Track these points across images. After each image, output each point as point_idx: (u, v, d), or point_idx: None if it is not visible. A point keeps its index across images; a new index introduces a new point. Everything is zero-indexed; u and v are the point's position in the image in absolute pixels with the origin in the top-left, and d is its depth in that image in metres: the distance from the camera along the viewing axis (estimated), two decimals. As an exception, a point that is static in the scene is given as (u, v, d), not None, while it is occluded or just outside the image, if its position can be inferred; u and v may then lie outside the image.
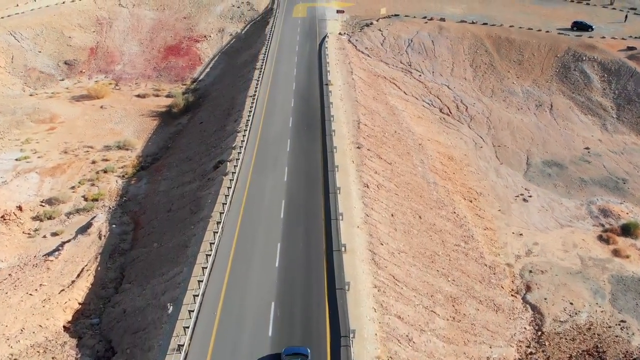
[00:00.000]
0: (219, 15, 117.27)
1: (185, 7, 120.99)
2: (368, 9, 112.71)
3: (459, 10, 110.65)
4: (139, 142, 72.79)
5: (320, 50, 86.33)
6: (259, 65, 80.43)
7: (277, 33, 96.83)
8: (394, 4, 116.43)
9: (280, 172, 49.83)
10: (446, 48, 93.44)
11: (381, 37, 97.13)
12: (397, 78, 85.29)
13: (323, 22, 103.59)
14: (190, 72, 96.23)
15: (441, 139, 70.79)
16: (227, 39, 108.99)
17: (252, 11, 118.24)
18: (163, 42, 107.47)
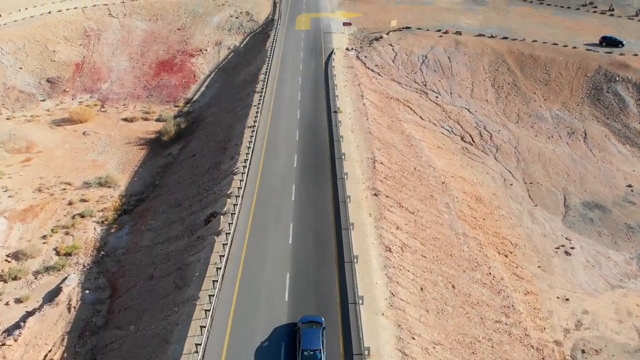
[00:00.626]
0: (216, 26, 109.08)
1: (180, 17, 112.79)
2: (377, 21, 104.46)
3: (475, 22, 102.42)
4: (123, 177, 64.48)
5: (326, 70, 78.05)
6: (259, 87, 72.17)
7: (278, 48, 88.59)
8: (404, 14, 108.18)
9: (283, 231, 41.55)
10: (464, 65, 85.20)
11: (392, 52, 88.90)
12: (411, 100, 77.06)
13: (328, 36, 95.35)
14: (183, 92, 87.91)
15: (466, 174, 62.50)
16: (224, 53, 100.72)
17: (251, 22, 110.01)
18: (155, 57, 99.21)
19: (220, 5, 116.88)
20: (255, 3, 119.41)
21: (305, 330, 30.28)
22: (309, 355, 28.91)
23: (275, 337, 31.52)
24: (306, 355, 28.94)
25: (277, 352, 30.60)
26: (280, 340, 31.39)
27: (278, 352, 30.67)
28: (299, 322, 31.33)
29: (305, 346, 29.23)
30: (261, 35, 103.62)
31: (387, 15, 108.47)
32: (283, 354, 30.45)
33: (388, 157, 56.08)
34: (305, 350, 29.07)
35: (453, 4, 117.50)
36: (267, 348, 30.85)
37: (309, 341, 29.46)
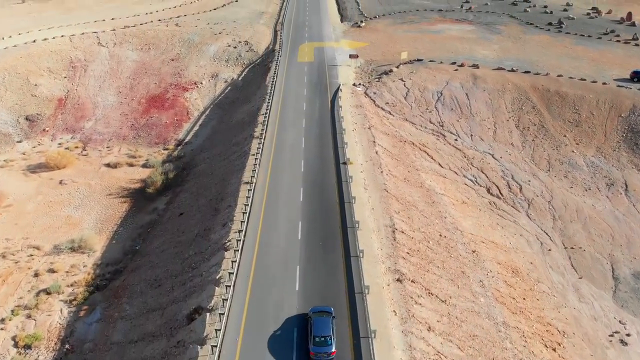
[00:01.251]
0: (213, 57, 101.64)
1: (173, 46, 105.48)
2: (385, 52, 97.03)
3: (491, 53, 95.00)
4: (100, 239, 55.90)
5: (333, 110, 70.05)
6: (257, 131, 64.08)
7: (280, 83, 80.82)
8: (414, 44, 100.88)
9: (285, 343, 32.74)
10: (484, 103, 77.36)
11: (404, 88, 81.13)
12: (428, 144, 68.96)
13: (334, 69, 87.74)
14: (175, 131, 79.84)
15: (497, 237, 53.98)
16: (221, 86, 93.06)
17: (250, 52, 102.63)
18: (145, 91, 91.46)
19: (218, 33, 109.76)
20: (254, 31, 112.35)
21: (316, 318, 32.11)
22: (320, 341, 30.59)
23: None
24: (317, 341, 30.66)
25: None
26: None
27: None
28: (310, 312, 33.22)
29: (316, 333, 31.03)
30: (261, 67, 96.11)
31: (395, 45, 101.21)
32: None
33: (409, 221, 47.61)
34: (317, 336, 30.82)
35: (465, 32, 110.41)
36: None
37: (320, 328, 31.31)
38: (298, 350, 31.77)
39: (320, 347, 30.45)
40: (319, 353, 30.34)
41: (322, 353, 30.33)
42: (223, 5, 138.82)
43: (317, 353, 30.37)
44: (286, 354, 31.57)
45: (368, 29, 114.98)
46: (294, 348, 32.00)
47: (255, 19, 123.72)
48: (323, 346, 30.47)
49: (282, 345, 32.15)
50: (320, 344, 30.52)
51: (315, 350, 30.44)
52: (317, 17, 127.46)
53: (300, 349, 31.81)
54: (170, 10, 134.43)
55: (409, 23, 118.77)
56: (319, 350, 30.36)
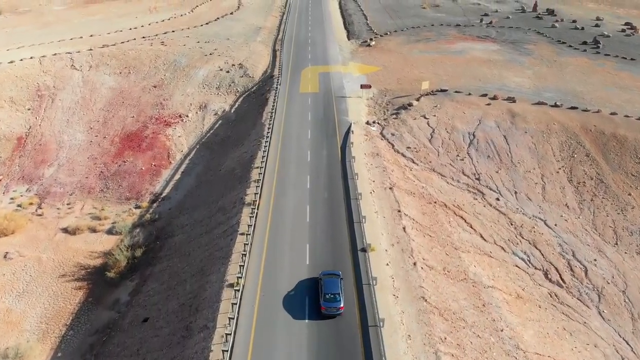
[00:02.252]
0: (201, 83, 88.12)
1: (157, 70, 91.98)
2: (401, 78, 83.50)
3: (525, 81, 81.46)
4: (43, 350, 42.29)
5: (344, 162, 56.26)
6: (249, 195, 50.41)
7: (278, 123, 67.23)
8: (434, 69, 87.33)
9: None
10: (527, 149, 63.82)
11: (428, 128, 67.60)
12: (464, 206, 55.35)
13: (342, 102, 74.18)
14: (151, 181, 66.17)
15: (567, 353, 40.30)
16: (210, 120, 79.51)
17: (245, 78, 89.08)
18: (120, 127, 77.92)
19: (208, 54, 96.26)
20: (250, 51, 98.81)
21: (326, 279, 35.73)
22: (331, 298, 34.24)
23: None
24: (328, 297, 34.26)
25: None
26: None
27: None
28: (320, 274, 36.94)
29: (327, 290, 34.63)
30: (257, 97, 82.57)
31: (412, 69, 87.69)
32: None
33: (461, 354, 33.91)
34: (327, 293, 34.40)
35: (490, 53, 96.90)
36: None
37: (330, 287, 34.87)
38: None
39: (330, 303, 34.07)
40: (329, 307, 34.06)
41: (332, 307, 34.03)
42: (216, 19, 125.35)
43: (327, 307, 34.08)
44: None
45: (379, 49, 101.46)
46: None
47: (251, 36, 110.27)
48: (333, 302, 34.09)
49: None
50: (330, 300, 34.14)
51: (326, 305, 34.10)
52: (321, 33, 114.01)
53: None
54: (157, 24, 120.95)
55: (424, 41, 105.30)
56: (330, 306, 34.05)
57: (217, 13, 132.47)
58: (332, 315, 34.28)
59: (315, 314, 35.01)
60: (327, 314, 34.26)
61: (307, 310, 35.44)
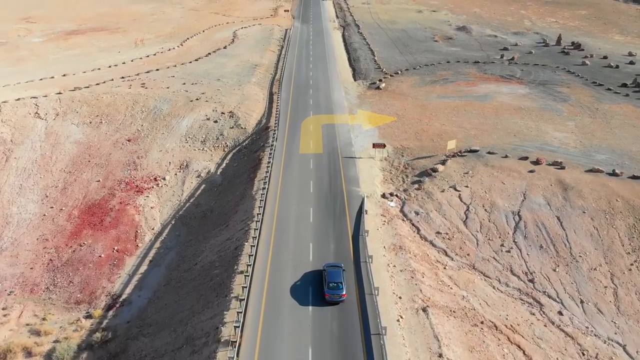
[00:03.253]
0: (184, 135, 74.97)
1: (134, 119, 78.95)
2: (420, 132, 70.32)
3: (569, 137, 68.21)
4: None
5: (358, 266, 42.36)
6: (227, 327, 36.30)
7: (273, 197, 53.49)
8: (458, 119, 74.26)
9: None
10: (588, 236, 50.05)
11: (460, 204, 53.97)
12: (518, 324, 41.25)
13: (351, 166, 60.73)
14: (110, 276, 51.98)
15: None
16: (191, 184, 65.99)
17: (236, 129, 75.93)
18: (82, 194, 64.37)
19: (195, 99, 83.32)
20: (243, 96, 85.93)
21: (329, 270, 38.91)
22: (334, 286, 37.45)
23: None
24: (332, 286, 37.51)
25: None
26: None
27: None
28: (324, 266, 40.00)
29: (330, 279, 37.92)
30: (249, 154, 69.28)
31: (432, 120, 74.61)
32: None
33: None
34: (331, 282, 37.67)
35: (519, 98, 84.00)
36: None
37: (333, 276, 38.21)
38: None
39: (333, 291, 37.23)
40: (332, 295, 37.11)
41: (334, 295, 37.07)
42: (208, 55, 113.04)
43: (331, 295, 37.14)
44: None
45: (390, 92, 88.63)
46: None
47: (245, 76, 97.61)
48: (336, 290, 37.25)
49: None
50: (334, 288, 37.38)
51: (329, 292, 37.20)
52: (324, 72, 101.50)
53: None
54: (141, 61, 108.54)
55: (442, 83, 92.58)
56: (333, 293, 37.15)
57: (209, 47, 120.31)
58: (335, 302, 37.28)
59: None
60: (331, 301, 37.32)
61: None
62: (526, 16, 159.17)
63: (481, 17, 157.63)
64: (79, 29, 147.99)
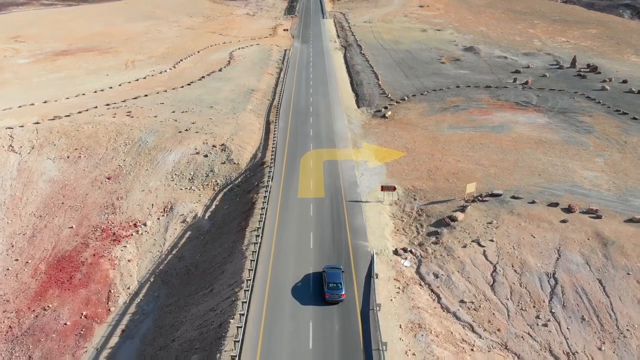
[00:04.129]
0: (170, 172, 67.64)
1: (116, 153, 71.77)
2: (433, 170, 62.95)
3: (600, 177, 60.78)
4: None
5: (367, 348, 34.78)
6: None
7: (266, 255, 45.93)
8: (474, 154, 67.00)
9: None
10: (635, 304, 42.35)
11: (486, 264, 46.33)
12: None
13: (357, 212, 53.21)
14: (75, 351, 43.84)
15: None
16: (175, 230, 58.47)
17: (228, 165, 68.64)
18: (52, 244, 56.81)
19: (184, 130, 76.20)
20: (237, 126, 78.84)
21: (329, 271, 40.57)
22: (334, 287, 39.16)
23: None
24: (331, 286, 39.19)
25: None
26: None
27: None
28: (324, 268, 41.66)
29: (330, 280, 39.60)
30: (241, 195, 61.88)
31: (445, 155, 67.35)
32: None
33: None
34: (331, 282, 39.38)
35: (539, 128, 76.84)
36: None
37: (333, 277, 39.89)
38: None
39: (333, 291, 38.90)
40: (332, 295, 38.74)
41: (334, 295, 38.72)
42: (201, 78, 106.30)
43: (331, 295, 38.76)
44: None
45: (398, 122, 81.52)
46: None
47: (241, 102, 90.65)
48: (335, 290, 38.93)
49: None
50: (333, 288, 39.06)
51: (329, 292, 38.86)
52: (325, 98, 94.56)
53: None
54: (129, 85, 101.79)
55: (453, 110, 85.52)
56: (333, 293, 38.80)
57: (203, 70, 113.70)
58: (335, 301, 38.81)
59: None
60: (331, 300, 38.87)
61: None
62: (535, 35, 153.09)
63: (488, 36, 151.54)
64: (68, 49, 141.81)
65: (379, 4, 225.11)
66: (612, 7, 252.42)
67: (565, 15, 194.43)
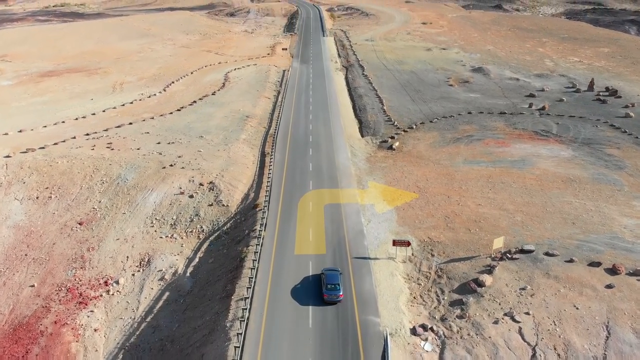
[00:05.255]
0: (150, 216, 59.70)
1: (91, 193, 63.90)
2: (451, 217, 54.86)
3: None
4: None
5: None
6: None
7: (254, 337, 37.67)
8: (495, 195, 59.01)
9: None
10: None
11: (523, 347, 37.93)
12: None
13: (364, 273, 44.95)
14: None
15: None
16: (151, 290, 50.28)
17: (216, 207, 60.65)
18: (9, 306, 48.85)
19: (168, 166, 68.39)
20: (229, 160, 71.12)
21: (328, 273, 42.26)
22: (332, 288, 40.80)
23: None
24: (330, 287, 40.80)
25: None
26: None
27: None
28: (323, 270, 43.45)
29: (328, 281, 41.23)
30: (229, 246, 53.78)
31: (463, 195, 59.38)
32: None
33: None
34: (329, 284, 41.00)
35: (565, 164, 68.95)
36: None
37: (331, 279, 41.53)
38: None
39: (331, 292, 40.51)
40: (330, 295, 40.38)
41: (332, 295, 40.38)
42: (193, 103, 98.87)
43: (329, 295, 40.41)
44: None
45: (407, 154, 73.73)
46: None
47: (234, 131, 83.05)
48: (333, 291, 40.56)
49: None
50: (332, 289, 40.65)
51: (327, 293, 40.49)
52: (325, 125, 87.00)
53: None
54: (114, 111, 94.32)
55: (467, 141, 77.74)
56: (331, 294, 40.42)
57: (196, 93, 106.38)
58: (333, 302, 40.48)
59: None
60: (329, 301, 40.54)
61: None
62: (546, 55, 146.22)
63: (497, 56, 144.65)
64: (55, 70, 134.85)
65: (381, 22, 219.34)
66: (617, 24, 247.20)
67: (574, 32, 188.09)
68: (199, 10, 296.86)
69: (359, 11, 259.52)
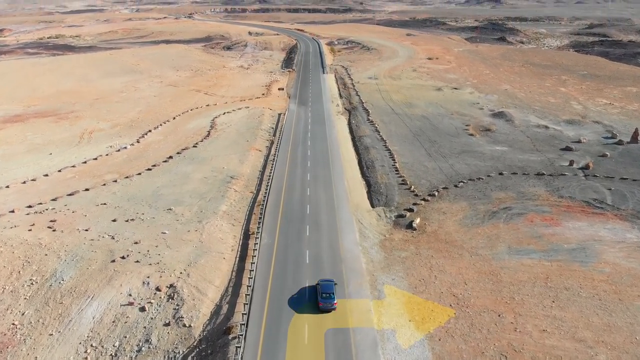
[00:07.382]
0: (85, 340, 43.93)
1: (14, 299, 49.62)
2: (507, 350, 37.98)
3: None
4: None
5: None
6: None
7: None
8: (563, 310, 42.26)
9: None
10: None
11: None
12: None
13: None
14: None
15: None
16: None
17: (175, 329, 44.03)
18: None
19: (119, 258, 51.95)
20: (200, 248, 54.72)
21: (323, 284, 44.35)
22: (327, 296, 42.83)
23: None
24: (325, 296, 42.82)
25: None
26: None
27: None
28: (318, 281, 45.38)
29: (323, 290, 43.35)
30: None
31: (517, 312, 42.82)
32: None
33: None
34: (324, 293, 43.06)
35: (636, 253, 52.61)
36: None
37: (326, 288, 43.64)
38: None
39: (326, 300, 42.59)
40: (325, 303, 42.43)
41: (327, 303, 42.44)
42: (168, 159, 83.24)
43: (324, 304, 42.45)
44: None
45: (432, 237, 57.27)
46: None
47: (213, 200, 67.05)
48: (328, 299, 42.64)
49: None
50: (327, 298, 42.72)
51: (323, 301, 42.54)
52: (327, 188, 71.23)
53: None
54: (72, 171, 78.51)
55: (505, 217, 61.43)
56: (326, 302, 42.48)
57: (174, 145, 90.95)
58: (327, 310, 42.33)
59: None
60: (324, 309, 42.44)
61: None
62: (571, 96, 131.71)
63: (516, 97, 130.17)
64: (22, 114, 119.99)
65: (383, 57, 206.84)
66: (629, 56, 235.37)
67: (592, 68, 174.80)
68: (195, 43, 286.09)
69: (359, 45, 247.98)
